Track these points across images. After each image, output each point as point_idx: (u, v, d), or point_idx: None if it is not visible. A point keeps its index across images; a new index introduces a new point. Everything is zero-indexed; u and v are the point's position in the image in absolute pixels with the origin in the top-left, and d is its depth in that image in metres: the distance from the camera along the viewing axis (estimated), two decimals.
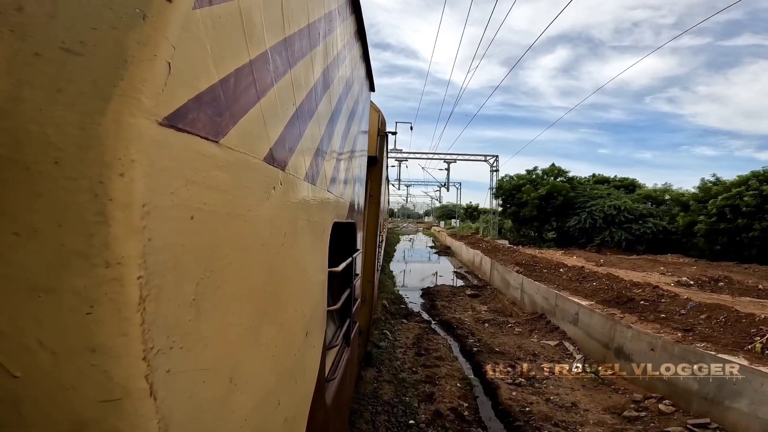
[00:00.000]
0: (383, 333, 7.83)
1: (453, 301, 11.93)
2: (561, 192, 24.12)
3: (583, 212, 22.73)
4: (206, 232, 0.72)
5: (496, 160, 30.59)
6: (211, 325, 0.77)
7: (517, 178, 27.41)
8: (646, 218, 21.44)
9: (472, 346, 7.58)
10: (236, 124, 0.82)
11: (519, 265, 13.09)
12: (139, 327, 0.54)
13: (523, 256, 15.22)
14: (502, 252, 17.75)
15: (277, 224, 1.12)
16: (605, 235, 21.52)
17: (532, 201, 24.22)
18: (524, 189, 25.19)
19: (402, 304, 11.30)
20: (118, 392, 0.53)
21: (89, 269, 0.48)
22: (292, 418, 1.40)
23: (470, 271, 19.31)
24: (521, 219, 26.36)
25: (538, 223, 25.78)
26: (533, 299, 10.08)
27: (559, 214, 24.46)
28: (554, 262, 12.88)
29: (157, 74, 0.54)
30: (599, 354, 6.77)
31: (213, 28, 0.70)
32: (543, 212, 24.57)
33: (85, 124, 0.47)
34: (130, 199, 0.50)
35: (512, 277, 12.01)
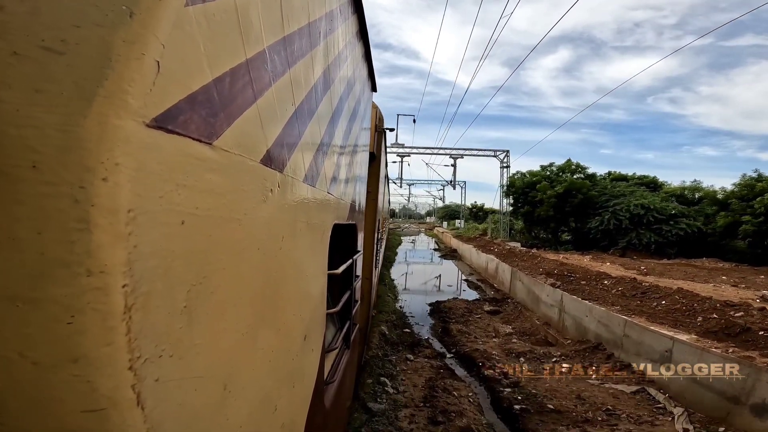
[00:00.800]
0: (380, 382, 5.27)
1: (470, 321, 9.52)
2: (581, 190, 21.81)
3: (605, 212, 20.40)
4: (199, 237, 0.70)
5: (506, 155, 27.98)
6: (204, 331, 0.75)
7: (530, 174, 25.05)
8: (677, 219, 19.05)
9: (511, 400, 5.16)
10: (231, 126, 0.79)
11: (550, 275, 10.79)
12: (125, 336, 0.52)
13: (547, 262, 13.17)
14: (519, 257, 15.69)
15: (274, 227, 1.10)
16: (632, 237, 19.24)
17: (548, 199, 22.00)
18: (539, 186, 22.91)
19: (406, 327, 8.85)
20: (103, 402, 0.51)
21: (70, 278, 0.46)
22: (290, 422, 1.38)
23: (483, 279, 16.94)
24: (535, 219, 23.98)
25: (554, 224, 23.43)
26: (580, 323, 7.89)
27: (578, 214, 22.16)
28: (592, 271, 10.72)
29: (145, 74, 0.52)
30: (715, 408, 4.66)
31: (207, 26, 0.68)
32: (560, 212, 22.22)
33: (66, 126, 0.44)
34: (115, 205, 0.48)
35: (545, 292, 9.81)
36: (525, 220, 25.91)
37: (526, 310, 10.61)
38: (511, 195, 26.09)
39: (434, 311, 10.84)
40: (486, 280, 16.59)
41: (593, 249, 19.94)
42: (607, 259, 15.30)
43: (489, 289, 14.67)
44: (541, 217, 23.10)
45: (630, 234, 19.35)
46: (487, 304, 11.49)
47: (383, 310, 9.32)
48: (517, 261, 14.78)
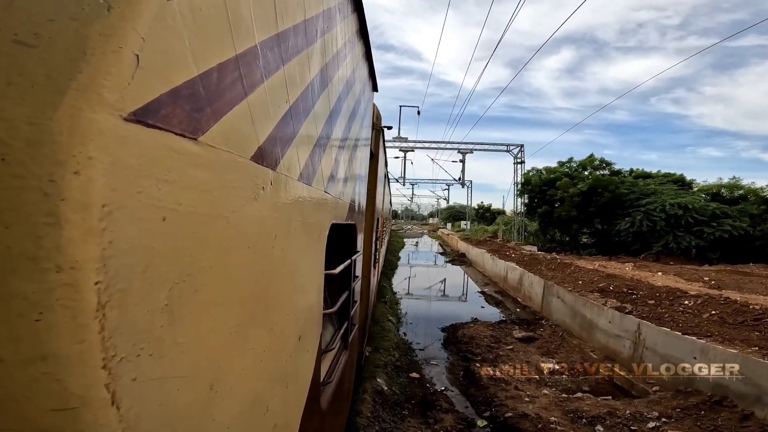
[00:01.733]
0: None
1: (500, 356, 6.99)
2: (608, 187, 19.40)
3: (636, 212, 18.13)
4: (182, 234, 0.69)
5: (520, 150, 25.29)
6: (188, 330, 0.73)
7: (547, 171, 22.70)
8: (720, 219, 16.91)
9: None
10: (219, 121, 0.78)
11: (604, 293, 8.49)
12: (98, 334, 0.51)
13: (584, 272, 10.98)
14: (544, 265, 13.38)
15: (266, 226, 1.09)
16: (668, 240, 17.10)
17: (570, 198, 19.76)
18: (560, 184, 20.69)
19: (412, 369, 6.29)
20: (74, 401, 0.50)
21: (38, 274, 0.45)
22: (283, 423, 1.37)
23: (502, 290, 14.25)
24: (554, 220, 21.48)
25: (577, 226, 20.68)
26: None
27: (604, 215, 19.63)
28: (655, 286, 8.42)
29: (122, 67, 0.51)
30: None
31: (192, 19, 0.67)
32: (584, 212, 19.77)
33: (36, 119, 0.44)
34: (87, 199, 0.47)
35: (604, 317, 7.33)
36: (541, 222, 23.51)
37: (570, 336, 8.20)
38: (527, 194, 23.69)
39: (450, 340, 8.26)
40: (506, 292, 13.88)
41: (621, 253, 17.93)
42: (651, 266, 13.33)
43: (511, 304, 12.19)
44: (561, 218, 20.73)
45: (666, 237, 17.24)
46: (517, 329, 8.85)
47: (381, 346, 6.52)
48: (544, 270, 12.50)
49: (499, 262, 15.76)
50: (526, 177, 24.03)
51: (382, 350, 6.36)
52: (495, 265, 16.47)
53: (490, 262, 17.51)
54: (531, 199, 23.58)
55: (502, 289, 14.58)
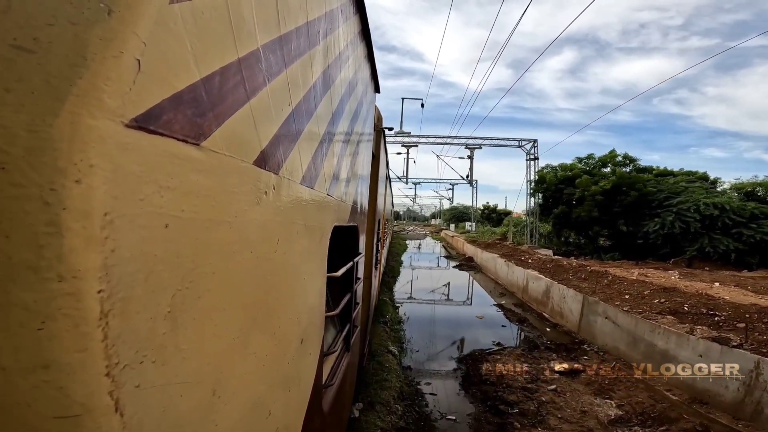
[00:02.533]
0: None
1: (543, 403, 5.36)
2: (634, 185, 17.35)
3: (667, 213, 16.21)
4: (184, 241, 0.68)
5: (533, 145, 22.38)
6: (191, 337, 0.73)
7: (564, 168, 20.52)
8: (759, 221, 15.11)
9: None
10: (221, 126, 0.78)
11: (678, 315, 6.92)
12: (101, 342, 0.51)
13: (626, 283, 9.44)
14: (571, 273, 11.57)
15: (269, 230, 1.08)
16: (703, 243, 15.14)
17: (591, 197, 17.70)
18: (579, 182, 18.54)
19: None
20: (77, 409, 0.50)
21: (39, 283, 0.44)
22: (285, 427, 1.36)
23: (521, 302, 12.22)
24: (573, 222, 19.19)
25: (599, 227, 18.49)
26: None
27: (629, 215, 17.58)
28: (739, 304, 7.02)
29: (123, 72, 0.51)
30: None
31: (194, 23, 0.66)
32: (607, 212, 17.70)
33: (36, 126, 0.43)
34: (89, 208, 0.47)
35: (689, 348, 5.74)
36: (555, 223, 21.30)
37: (627, 368, 6.46)
38: (541, 192, 21.32)
39: (471, 378, 6.23)
40: (526, 305, 11.76)
41: (648, 258, 16.11)
42: (698, 274, 11.60)
43: (536, 321, 10.17)
44: (580, 219, 18.57)
45: (700, 240, 15.28)
46: (554, 358, 7.05)
47: (379, 398, 4.55)
48: (573, 279, 10.79)
49: (516, 270, 13.62)
50: (541, 174, 21.53)
51: (379, 405, 4.30)
52: (511, 273, 14.24)
53: (504, 268, 15.31)
54: (545, 198, 21.22)
55: (522, 300, 12.37)
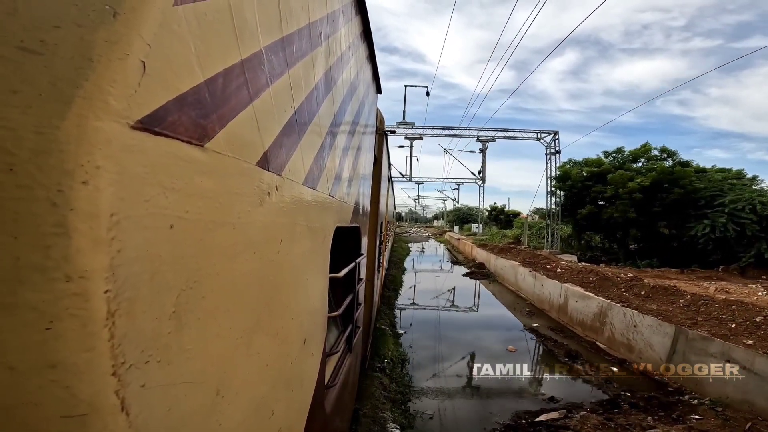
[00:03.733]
0: None
1: None
2: (678, 181, 14.82)
3: (718, 213, 13.99)
4: (189, 242, 0.68)
5: (554, 138, 19.69)
6: (195, 337, 0.73)
7: (590, 163, 18.07)
8: None
9: None
10: (225, 127, 0.78)
11: None
12: (108, 342, 0.51)
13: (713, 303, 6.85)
14: (624, 287, 8.92)
15: (272, 231, 1.09)
16: (761, 248, 12.98)
17: (628, 195, 15.28)
18: (612, 177, 16.14)
19: None
20: (83, 408, 0.50)
21: (47, 284, 0.45)
22: (288, 427, 1.37)
23: (560, 325, 9.49)
24: (604, 223, 16.64)
25: (636, 230, 15.78)
26: None
27: (672, 216, 15.12)
28: None
29: (129, 74, 0.51)
30: None
31: (198, 25, 0.67)
32: (646, 213, 15.25)
33: (43, 128, 0.43)
34: (95, 209, 0.47)
35: None
36: (582, 225, 18.50)
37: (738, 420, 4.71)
38: (564, 190, 18.59)
39: None
40: (567, 328, 9.16)
41: (694, 265, 14.11)
42: None
43: (592, 354, 7.49)
44: (613, 220, 15.97)
45: (757, 244, 13.12)
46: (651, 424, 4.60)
47: None
48: (633, 298, 8.26)
49: (549, 283, 10.91)
50: (564, 170, 18.68)
51: None
52: (540, 286, 11.55)
53: (529, 280, 12.59)
54: (569, 197, 18.47)
55: (560, 323, 9.66)
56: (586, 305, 8.80)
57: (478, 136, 22.39)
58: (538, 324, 9.67)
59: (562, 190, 18.93)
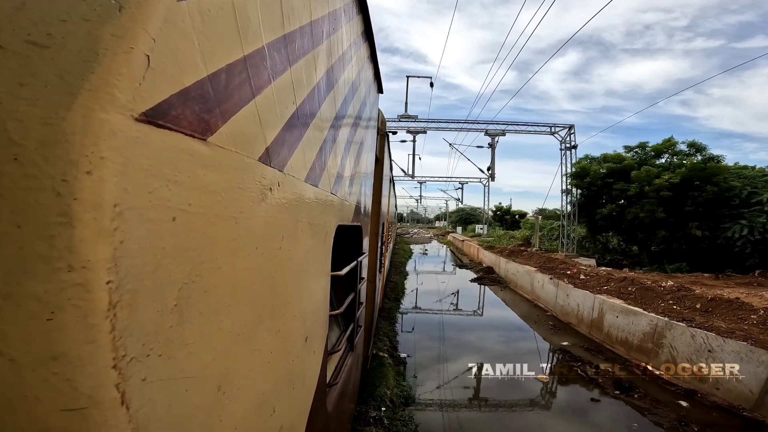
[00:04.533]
0: None
1: None
2: (711, 178, 13.65)
3: (756, 213, 12.82)
4: (191, 235, 0.69)
5: (569, 132, 18.48)
6: (197, 331, 0.74)
7: (609, 159, 16.75)
8: None
9: None
10: (227, 122, 0.79)
11: None
12: (109, 334, 0.51)
13: None
14: (671, 298, 7.65)
15: (273, 227, 1.09)
16: None
17: (656, 193, 14.08)
18: (636, 174, 14.88)
19: None
20: (84, 401, 0.50)
21: (50, 273, 0.45)
22: (289, 425, 1.37)
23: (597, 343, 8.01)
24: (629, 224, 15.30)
25: (665, 231, 14.39)
26: None
27: (704, 216, 13.92)
28: None
29: (134, 68, 0.52)
30: None
31: (201, 21, 0.67)
32: (676, 213, 14.05)
33: (49, 119, 0.44)
34: (99, 200, 0.47)
35: None
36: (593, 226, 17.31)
37: None
38: (581, 188, 17.19)
39: None
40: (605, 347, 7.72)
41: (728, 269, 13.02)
42: None
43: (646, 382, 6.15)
44: (638, 220, 14.68)
45: None
46: None
47: None
48: (686, 311, 7.05)
49: (575, 293, 9.48)
50: (581, 166, 17.26)
51: None
52: (564, 296, 10.05)
53: (549, 288, 11.10)
54: (586, 195, 17.18)
55: (594, 340, 8.17)
56: (632, 322, 7.29)
57: (486, 130, 20.86)
58: (568, 342, 8.09)
59: (578, 188, 17.56)
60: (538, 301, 11.86)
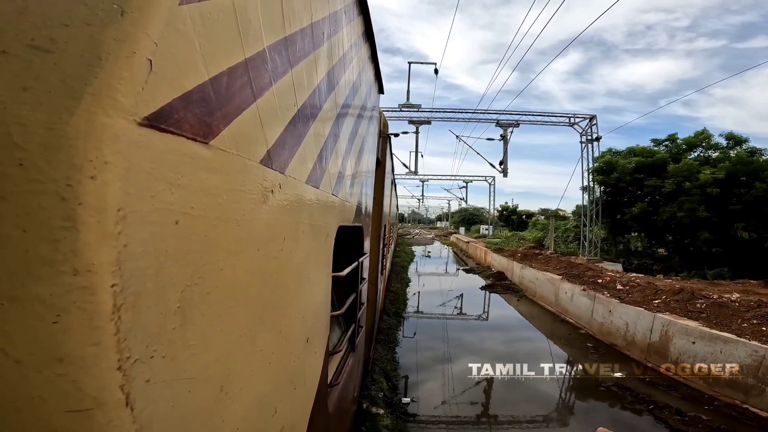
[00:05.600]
0: None
1: None
2: (759, 173, 12.32)
3: None
4: (193, 238, 0.69)
5: (590, 123, 16.28)
6: (199, 332, 0.74)
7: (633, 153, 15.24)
8: None
9: None
10: (229, 125, 0.79)
11: None
12: (114, 336, 0.52)
13: None
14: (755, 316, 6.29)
15: (275, 228, 1.10)
16: None
17: (701, 190, 12.61)
18: (674, 169, 13.42)
19: None
20: (89, 402, 0.51)
21: (55, 277, 0.45)
22: (291, 425, 1.37)
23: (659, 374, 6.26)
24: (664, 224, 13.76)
25: (709, 234, 12.84)
26: None
27: (751, 216, 12.58)
28: None
29: (136, 72, 0.52)
30: None
31: (202, 24, 0.67)
32: (721, 212, 12.64)
33: (53, 124, 0.44)
34: (103, 204, 0.48)
35: None
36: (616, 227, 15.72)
37: None
38: (608, 186, 15.53)
39: None
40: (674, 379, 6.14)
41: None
42: None
43: None
44: (675, 221, 13.12)
45: None
46: None
47: None
48: None
49: (622, 310, 7.75)
50: (606, 160, 15.55)
51: None
52: (605, 312, 8.32)
53: (582, 301, 9.30)
54: (612, 193, 15.60)
55: (655, 369, 6.54)
56: (720, 351, 5.77)
57: (498, 120, 18.48)
58: (623, 374, 6.07)
59: (603, 185, 15.67)
60: (566, 315, 10.09)
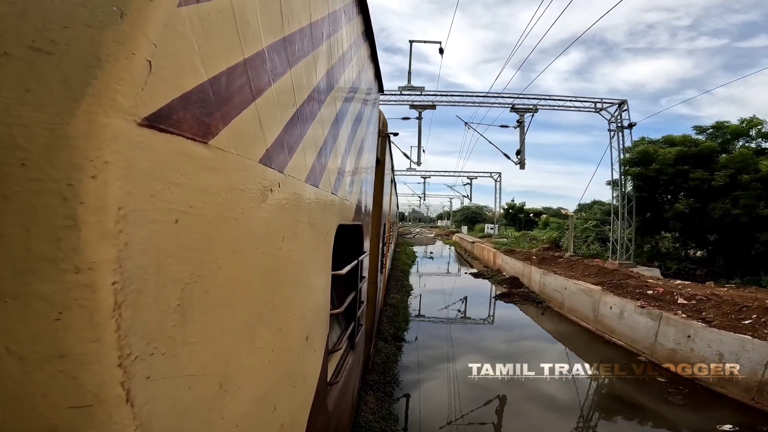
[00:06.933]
0: None
1: None
2: None
3: None
4: (193, 236, 0.70)
5: (620, 109, 14.52)
6: (199, 330, 0.75)
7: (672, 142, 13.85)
8: None
9: None
10: (228, 125, 0.80)
11: None
12: (114, 333, 0.53)
13: None
14: None
15: (274, 227, 1.10)
16: None
17: (762, 184, 11.20)
18: (726, 158, 12.20)
19: None
20: (89, 399, 0.52)
21: (57, 275, 0.46)
22: (290, 422, 1.38)
23: None
24: (716, 223, 12.26)
25: None
26: None
27: None
28: None
29: (136, 73, 0.53)
30: None
31: (201, 25, 0.68)
32: None
33: (54, 125, 0.45)
34: (104, 203, 0.49)
35: None
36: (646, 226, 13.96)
37: None
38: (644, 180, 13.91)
39: None
40: None
41: None
42: None
43: None
44: (730, 219, 11.65)
45: None
46: None
47: None
48: None
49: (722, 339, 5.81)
50: (643, 150, 13.82)
51: None
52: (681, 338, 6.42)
53: (639, 321, 7.42)
54: (648, 188, 13.99)
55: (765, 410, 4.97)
56: None
57: (513, 104, 15.98)
58: (731, 426, 4.55)
59: (639, 179, 13.87)
60: (612, 335, 8.18)
